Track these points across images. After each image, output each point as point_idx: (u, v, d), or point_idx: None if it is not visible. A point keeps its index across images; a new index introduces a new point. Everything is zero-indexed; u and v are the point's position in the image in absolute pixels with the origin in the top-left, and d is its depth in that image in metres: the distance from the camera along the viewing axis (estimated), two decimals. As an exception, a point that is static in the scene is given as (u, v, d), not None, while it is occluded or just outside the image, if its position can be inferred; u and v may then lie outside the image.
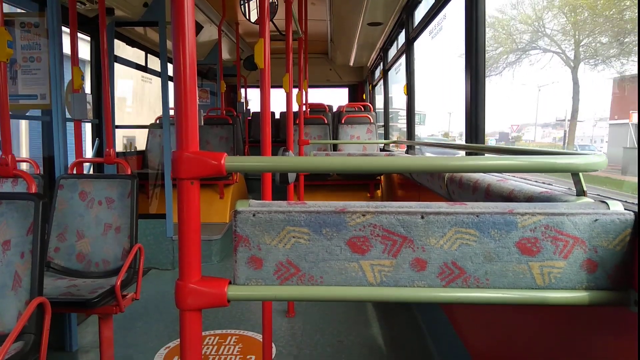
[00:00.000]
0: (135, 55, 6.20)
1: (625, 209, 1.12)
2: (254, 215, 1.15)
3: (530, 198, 1.53)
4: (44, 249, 2.00)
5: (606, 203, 1.14)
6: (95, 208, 2.90)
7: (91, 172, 4.77)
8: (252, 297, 1.19)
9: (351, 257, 1.14)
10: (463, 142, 3.21)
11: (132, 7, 4.61)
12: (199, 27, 6.30)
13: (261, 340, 2.93)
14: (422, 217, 1.12)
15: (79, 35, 3.28)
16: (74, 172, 3.11)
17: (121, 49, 5.85)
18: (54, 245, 2.88)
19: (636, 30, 1.14)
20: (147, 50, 6.19)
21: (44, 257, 1.99)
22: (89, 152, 5.18)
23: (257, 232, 1.15)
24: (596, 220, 1.09)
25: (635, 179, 1.32)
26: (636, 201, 1.24)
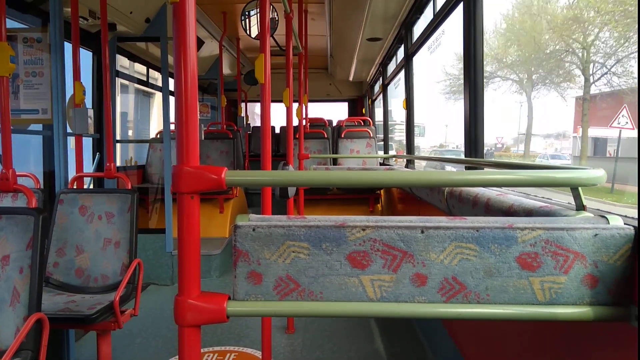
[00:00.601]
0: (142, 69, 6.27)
1: (625, 224, 1.12)
2: (253, 229, 1.14)
3: (530, 212, 1.53)
4: (43, 264, 1.99)
5: (606, 218, 1.14)
6: (95, 223, 2.90)
7: (91, 186, 4.77)
8: (252, 312, 1.18)
9: (351, 272, 1.14)
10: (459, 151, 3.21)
11: (134, 23, 4.66)
12: (200, 43, 6.35)
13: (260, 357, 2.91)
14: (422, 232, 1.12)
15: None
16: (74, 186, 3.11)
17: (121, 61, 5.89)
18: (53, 260, 2.87)
19: (636, 30, 1.15)
20: (149, 65, 6.24)
21: (43, 272, 1.98)
22: (88, 166, 5.18)
23: (256, 246, 1.15)
24: (596, 235, 1.08)
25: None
26: (636, 216, 1.24)
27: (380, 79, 7.11)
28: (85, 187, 3.64)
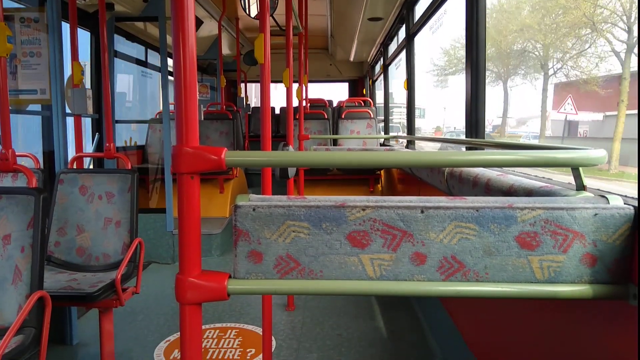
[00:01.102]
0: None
1: (625, 204, 1.12)
2: (254, 209, 1.15)
3: (530, 192, 1.53)
4: (44, 243, 2.01)
5: (606, 197, 1.14)
6: (95, 202, 2.90)
7: (91, 166, 4.77)
8: (252, 290, 1.19)
9: (351, 251, 1.15)
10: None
11: (132, 2, 4.60)
12: (198, 22, 6.28)
13: (261, 333, 2.95)
14: (422, 212, 1.12)
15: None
16: (74, 166, 3.11)
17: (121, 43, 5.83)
18: (54, 239, 2.88)
19: (636, 30, 1.14)
20: (147, 45, 6.18)
21: (44, 251, 1.99)
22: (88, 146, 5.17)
23: (257, 226, 1.15)
24: (596, 214, 1.09)
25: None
26: (636, 195, 1.24)
27: (381, 59, 7.05)
28: (85, 167, 3.64)
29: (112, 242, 2.86)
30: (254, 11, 4.76)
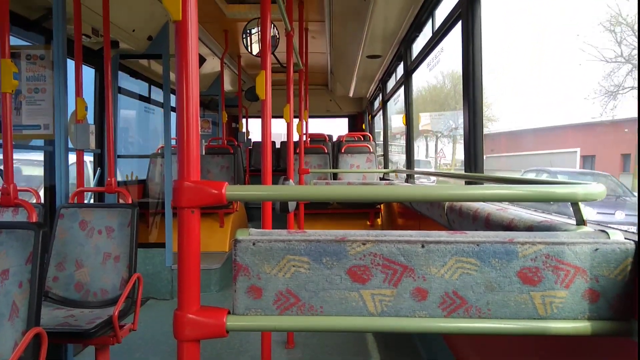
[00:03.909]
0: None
1: (625, 238, 1.12)
2: (253, 244, 1.15)
3: (530, 227, 1.53)
4: (43, 279, 1.99)
5: (606, 232, 1.14)
6: (95, 237, 2.89)
7: (92, 200, 4.77)
8: (252, 327, 1.17)
9: (351, 286, 1.14)
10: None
11: (136, 41, 4.71)
12: (201, 60, 6.41)
13: (260, 372, 2.88)
14: (423, 246, 1.12)
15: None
16: (75, 201, 3.11)
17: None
18: (53, 274, 2.86)
19: (636, 31, 1.16)
20: (151, 82, 6.29)
21: (42, 286, 1.97)
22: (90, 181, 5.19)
23: (257, 261, 1.15)
24: (597, 249, 1.09)
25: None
26: (636, 230, 1.24)
27: (380, 95, 7.16)
28: (85, 201, 3.65)
29: (111, 278, 2.83)
30: (255, 49, 4.88)
